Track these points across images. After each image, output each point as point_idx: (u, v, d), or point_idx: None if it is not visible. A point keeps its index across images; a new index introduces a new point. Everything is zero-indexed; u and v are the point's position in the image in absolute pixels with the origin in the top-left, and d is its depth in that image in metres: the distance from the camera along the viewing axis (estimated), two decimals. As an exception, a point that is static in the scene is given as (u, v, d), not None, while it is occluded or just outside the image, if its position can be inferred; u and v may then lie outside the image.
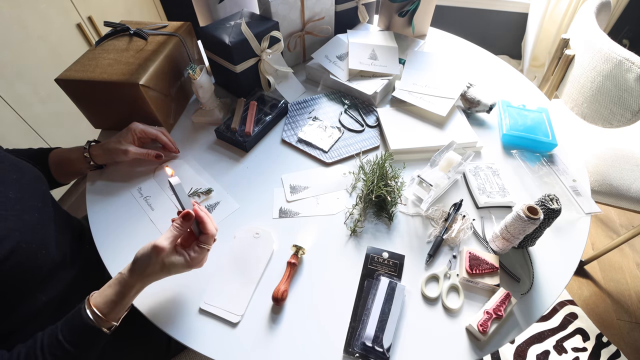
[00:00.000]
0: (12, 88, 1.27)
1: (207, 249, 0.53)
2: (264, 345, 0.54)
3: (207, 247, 0.53)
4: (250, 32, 0.81)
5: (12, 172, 0.57)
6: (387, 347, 0.52)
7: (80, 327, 0.47)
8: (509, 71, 1.04)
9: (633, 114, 0.92)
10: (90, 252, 0.69)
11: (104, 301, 0.48)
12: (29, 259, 0.52)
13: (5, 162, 0.57)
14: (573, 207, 0.70)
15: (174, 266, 0.50)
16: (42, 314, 0.57)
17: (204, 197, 0.73)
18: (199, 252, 0.52)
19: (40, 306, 0.56)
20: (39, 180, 0.62)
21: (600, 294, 1.37)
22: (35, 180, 0.61)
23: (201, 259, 0.53)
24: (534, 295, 0.59)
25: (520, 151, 0.79)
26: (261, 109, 0.87)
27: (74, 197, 1.68)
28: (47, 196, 0.63)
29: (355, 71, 0.94)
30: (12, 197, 0.54)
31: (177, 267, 0.51)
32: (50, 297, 0.58)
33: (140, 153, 0.73)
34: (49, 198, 0.64)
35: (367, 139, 0.83)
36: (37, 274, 0.55)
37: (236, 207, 0.71)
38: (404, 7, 1.04)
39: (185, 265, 0.51)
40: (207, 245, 0.53)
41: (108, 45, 0.83)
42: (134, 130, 0.73)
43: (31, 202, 0.57)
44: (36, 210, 0.57)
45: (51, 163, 0.72)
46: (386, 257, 0.62)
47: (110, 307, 0.48)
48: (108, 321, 0.48)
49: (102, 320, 0.48)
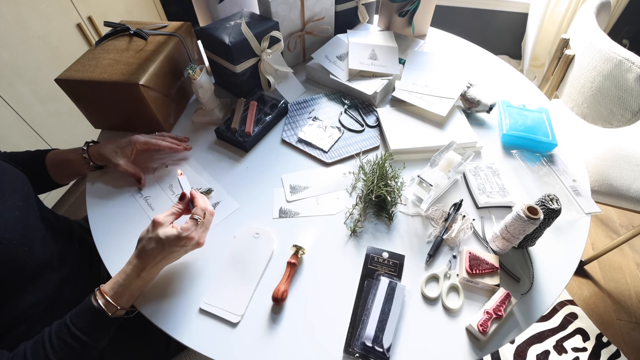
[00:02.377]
0: (12, 88, 1.27)
1: (196, 220, 0.55)
2: (264, 345, 0.54)
3: (197, 218, 0.55)
4: (250, 32, 0.81)
5: None
6: (387, 347, 0.52)
7: (88, 312, 0.49)
8: (509, 71, 1.04)
9: (633, 114, 0.92)
10: (81, 253, 0.69)
11: (111, 285, 0.51)
12: (9, 255, 0.52)
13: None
14: (573, 207, 0.70)
15: (167, 239, 0.52)
16: (31, 315, 0.57)
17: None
18: (190, 223, 0.54)
19: (29, 307, 0.56)
20: (20, 180, 0.62)
21: (600, 294, 1.37)
22: (15, 181, 0.60)
23: (193, 231, 0.54)
24: (534, 295, 0.59)
25: (520, 151, 0.79)
26: (261, 109, 0.87)
27: (74, 197, 1.68)
28: (30, 196, 0.62)
29: (355, 71, 0.94)
30: None
31: (170, 240, 0.52)
32: (39, 298, 0.57)
33: (128, 172, 0.72)
34: (32, 198, 0.63)
35: (367, 139, 0.83)
36: (20, 271, 0.54)
37: (236, 207, 0.71)
38: (404, 7, 1.04)
39: (177, 237, 0.52)
40: (197, 216, 0.55)
41: (108, 45, 0.83)
42: (135, 144, 0.72)
43: (11, 201, 0.56)
44: (16, 208, 0.56)
45: (49, 165, 0.72)
46: (386, 257, 0.62)
47: (118, 290, 0.50)
48: (115, 305, 0.49)
49: (109, 305, 0.49)
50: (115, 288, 0.51)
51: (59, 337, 0.47)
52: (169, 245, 0.52)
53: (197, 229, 0.55)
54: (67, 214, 1.21)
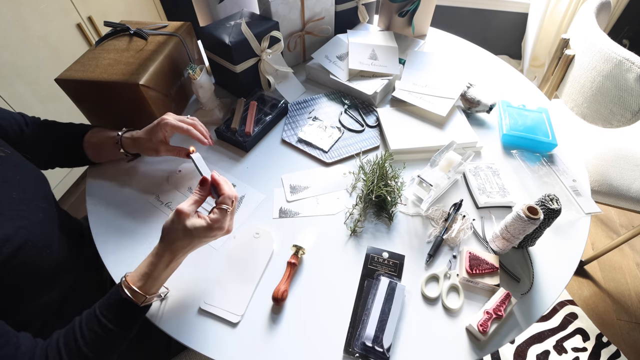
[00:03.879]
0: (12, 88, 1.28)
1: (225, 210, 0.52)
2: (264, 346, 0.54)
3: (226, 208, 0.52)
4: (250, 32, 0.81)
5: (15, 172, 0.57)
6: (387, 347, 0.52)
7: (117, 302, 0.49)
8: (509, 71, 1.04)
9: (633, 114, 0.92)
10: (89, 254, 0.69)
11: (137, 275, 0.50)
12: (34, 257, 0.53)
13: (10, 162, 0.57)
14: (573, 207, 0.70)
15: (196, 230, 0.50)
16: (44, 314, 0.57)
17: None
18: (218, 213, 0.52)
19: (43, 306, 0.56)
20: (42, 180, 0.62)
21: (600, 294, 1.37)
22: (37, 180, 0.61)
23: (222, 222, 0.52)
24: (534, 295, 0.59)
25: (520, 151, 0.79)
26: (261, 109, 0.87)
27: (74, 197, 1.68)
28: (50, 196, 0.63)
29: (355, 71, 0.94)
30: (16, 197, 0.54)
31: (199, 231, 0.50)
32: (52, 298, 0.58)
33: (171, 152, 0.71)
34: (52, 198, 0.64)
35: (367, 139, 0.83)
36: (41, 273, 0.55)
37: (262, 198, 0.72)
38: (404, 7, 1.04)
39: (207, 228, 0.50)
40: (225, 206, 0.52)
41: (108, 45, 0.83)
42: (164, 128, 0.68)
43: (35, 202, 0.57)
44: (40, 210, 0.57)
45: (86, 144, 0.71)
46: (386, 257, 0.62)
47: (143, 279, 0.50)
48: (143, 294, 0.49)
49: (137, 294, 0.49)
50: (143, 279, 0.50)
51: (89, 328, 0.47)
52: (198, 236, 0.50)
53: (225, 218, 0.52)
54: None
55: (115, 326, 0.49)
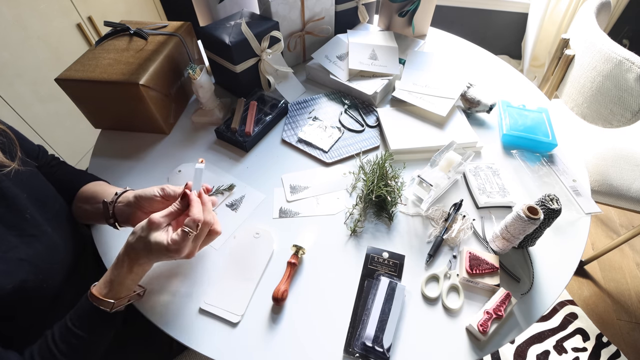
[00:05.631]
0: (12, 88, 1.27)
1: (187, 234, 0.48)
2: (264, 345, 0.54)
3: (188, 231, 0.48)
4: (250, 32, 0.81)
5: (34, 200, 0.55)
6: (387, 347, 0.52)
7: (86, 312, 0.49)
8: (509, 71, 1.04)
9: (633, 114, 0.92)
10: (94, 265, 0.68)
11: (103, 282, 0.50)
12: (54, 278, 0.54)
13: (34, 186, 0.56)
14: (573, 207, 0.70)
15: (155, 245, 0.47)
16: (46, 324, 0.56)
17: (227, 194, 0.73)
18: (180, 236, 0.48)
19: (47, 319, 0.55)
20: (59, 200, 0.61)
21: (600, 294, 1.37)
22: (57, 200, 0.60)
23: (181, 245, 0.48)
24: (534, 295, 0.59)
25: (520, 151, 0.79)
26: (261, 109, 0.87)
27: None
28: (70, 215, 0.62)
29: (355, 71, 0.94)
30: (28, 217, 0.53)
31: (157, 248, 0.47)
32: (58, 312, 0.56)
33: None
34: (71, 216, 0.63)
35: (367, 139, 0.83)
36: (52, 290, 0.54)
37: (262, 198, 0.72)
38: (404, 7, 1.04)
39: (165, 248, 0.47)
40: (187, 229, 0.48)
41: (108, 45, 0.83)
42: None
43: (56, 222, 0.57)
44: (62, 228, 0.57)
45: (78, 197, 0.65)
46: (386, 257, 0.62)
47: (108, 286, 0.50)
48: (107, 300, 0.49)
49: (104, 302, 0.48)
50: (108, 286, 0.49)
51: (63, 340, 0.47)
52: (156, 252, 0.48)
53: (186, 242, 0.48)
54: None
55: (90, 335, 0.48)
